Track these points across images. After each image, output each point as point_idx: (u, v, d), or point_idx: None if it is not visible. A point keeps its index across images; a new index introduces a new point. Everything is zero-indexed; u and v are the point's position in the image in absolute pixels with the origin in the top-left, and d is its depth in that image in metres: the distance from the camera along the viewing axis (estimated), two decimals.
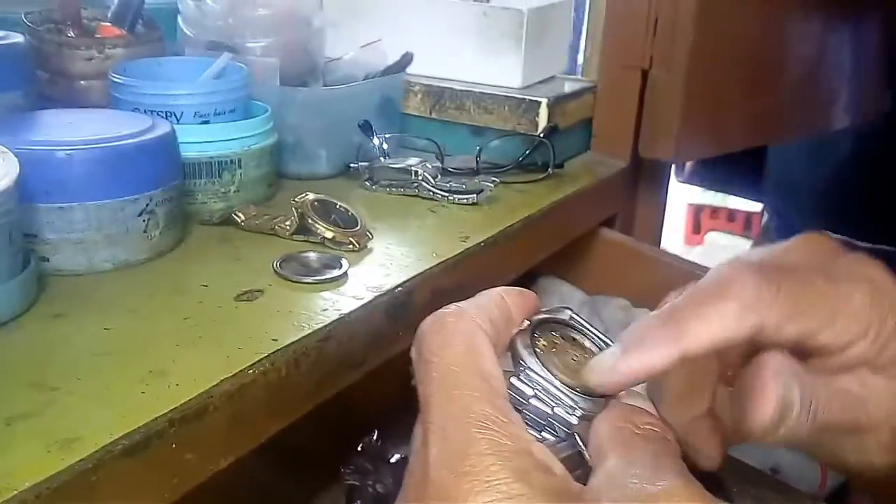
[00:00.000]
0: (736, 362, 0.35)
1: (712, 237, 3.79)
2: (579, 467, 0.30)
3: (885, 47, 1.23)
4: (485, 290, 0.35)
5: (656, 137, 0.89)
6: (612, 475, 0.29)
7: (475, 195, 0.72)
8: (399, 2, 0.90)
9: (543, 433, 0.32)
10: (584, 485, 0.30)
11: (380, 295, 0.54)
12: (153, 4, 0.80)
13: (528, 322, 0.35)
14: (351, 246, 0.60)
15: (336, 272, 0.56)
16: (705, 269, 0.86)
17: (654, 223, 1.01)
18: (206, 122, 0.65)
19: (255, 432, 0.45)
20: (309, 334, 0.48)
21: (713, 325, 0.32)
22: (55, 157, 0.52)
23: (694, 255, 3.48)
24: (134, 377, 0.42)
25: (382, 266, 0.59)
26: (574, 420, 0.31)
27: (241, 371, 0.44)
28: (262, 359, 0.45)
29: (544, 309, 0.36)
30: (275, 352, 0.46)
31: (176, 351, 0.45)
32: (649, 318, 0.33)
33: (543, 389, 0.32)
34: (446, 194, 0.73)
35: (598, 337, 0.36)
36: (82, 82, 0.71)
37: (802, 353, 0.34)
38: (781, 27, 1.02)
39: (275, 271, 0.56)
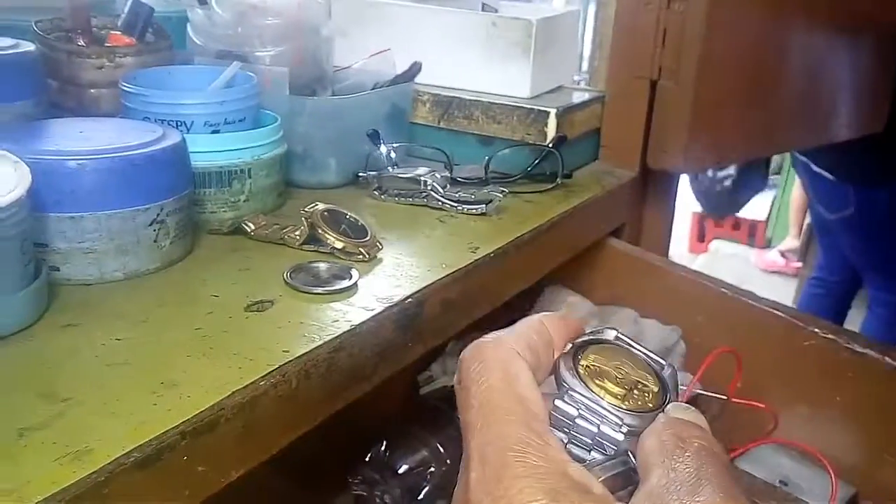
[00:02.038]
0: None
1: (717, 245, 3.79)
2: (631, 484, 0.30)
3: (884, 64, 1.24)
4: (494, 301, 0.35)
5: (665, 148, 0.89)
6: (653, 491, 0.29)
7: (484, 205, 0.72)
8: (408, 11, 0.90)
9: (592, 452, 0.32)
10: None
11: (390, 306, 0.54)
12: (163, 13, 0.80)
13: (571, 345, 0.35)
14: (361, 256, 0.60)
15: (346, 283, 0.56)
16: (714, 280, 0.86)
17: (662, 233, 1.01)
18: (216, 132, 0.65)
19: (266, 444, 0.45)
20: (320, 346, 0.48)
21: None
22: (66, 166, 0.52)
23: (698, 263, 3.48)
24: (145, 388, 0.42)
25: (392, 277, 0.59)
26: (620, 437, 0.31)
27: (252, 383, 0.44)
28: (273, 370, 0.45)
29: (589, 331, 0.36)
30: (286, 363, 0.46)
31: (187, 362, 0.45)
32: None
33: (588, 409, 0.32)
34: (455, 204, 0.73)
35: (645, 354, 0.35)
36: (92, 91, 0.71)
37: None
38: (784, 41, 1.02)
39: (285, 282, 0.56)
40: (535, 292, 0.90)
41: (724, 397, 0.71)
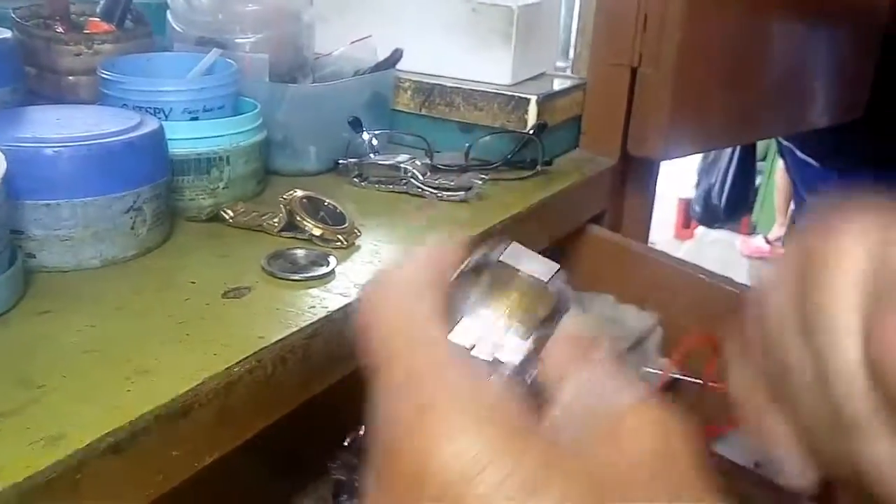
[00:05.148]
0: None
1: (702, 232, 3.81)
2: (535, 403, 0.29)
3: (863, 51, 1.25)
4: None
5: (645, 135, 0.90)
6: (569, 405, 0.28)
7: (464, 192, 0.73)
8: None
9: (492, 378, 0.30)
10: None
11: None
12: (142, 0, 0.80)
13: (457, 274, 0.33)
14: (339, 243, 0.61)
15: (324, 269, 0.56)
16: (692, 266, 0.87)
17: (643, 220, 1.02)
18: (195, 119, 0.65)
19: (240, 429, 0.46)
20: (296, 332, 0.49)
21: None
22: (42, 154, 0.52)
23: (683, 249, 3.50)
24: (120, 374, 0.43)
25: (370, 263, 0.59)
26: (517, 359, 0.30)
27: (227, 368, 0.44)
28: (248, 356, 0.46)
29: (474, 256, 0.34)
30: (261, 349, 0.46)
31: (162, 348, 0.46)
32: None
33: (480, 337, 0.30)
34: (435, 191, 0.73)
35: (530, 274, 0.33)
36: (70, 78, 0.71)
37: None
38: (764, 28, 1.03)
39: (262, 268, 0.56)
40: None
41: (701, 382, 0.72)
